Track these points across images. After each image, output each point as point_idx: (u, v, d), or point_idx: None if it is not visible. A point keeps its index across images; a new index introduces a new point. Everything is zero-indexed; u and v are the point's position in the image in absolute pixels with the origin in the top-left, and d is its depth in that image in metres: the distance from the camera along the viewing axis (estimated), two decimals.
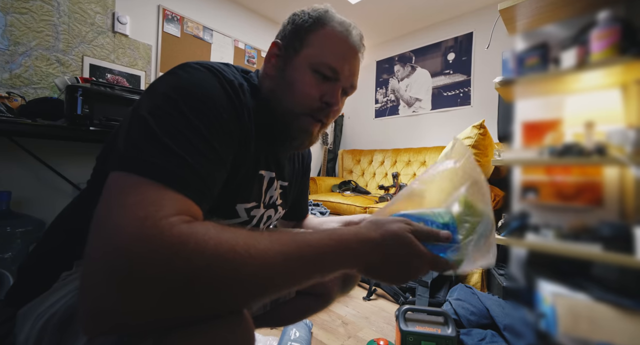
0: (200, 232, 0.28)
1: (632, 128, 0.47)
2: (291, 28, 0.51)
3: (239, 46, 2.56)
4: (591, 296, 0.46)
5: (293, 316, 0.70)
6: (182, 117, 0.34)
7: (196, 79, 0.39)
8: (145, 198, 0.28)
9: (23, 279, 0.45)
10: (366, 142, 3.25)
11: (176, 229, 0.27)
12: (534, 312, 0.51)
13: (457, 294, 1.29)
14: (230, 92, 0.42)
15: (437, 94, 2.70)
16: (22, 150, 1.37)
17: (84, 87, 1.23)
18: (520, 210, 0.56)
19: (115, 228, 0.26)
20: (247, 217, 0.52)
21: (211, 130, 0.36)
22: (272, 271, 0.30)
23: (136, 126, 0.34)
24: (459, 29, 2.57)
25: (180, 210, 0.30)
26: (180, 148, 0.32)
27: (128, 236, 0.26)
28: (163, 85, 0.37)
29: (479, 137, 1.53)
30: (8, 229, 1.14)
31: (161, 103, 0.35)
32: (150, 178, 0.30)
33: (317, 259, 0.33)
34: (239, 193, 0.49)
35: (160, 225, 0.27)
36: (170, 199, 0.30)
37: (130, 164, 0.31)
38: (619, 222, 0.47)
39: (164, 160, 0.31)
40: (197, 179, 0.33)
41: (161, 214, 0.27)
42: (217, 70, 0.42)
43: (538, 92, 0.59)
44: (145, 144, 0.32)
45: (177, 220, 0.28)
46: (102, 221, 0.28)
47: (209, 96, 0.38)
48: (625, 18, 0.50)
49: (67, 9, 1.65)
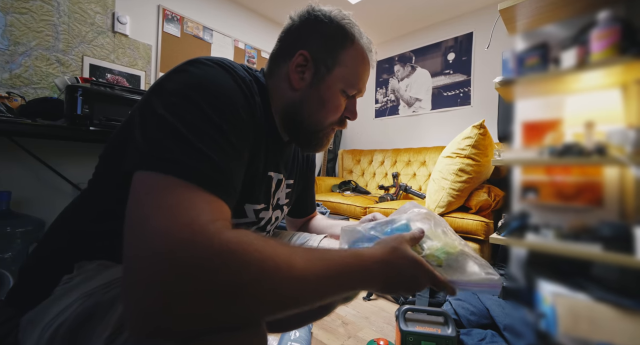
0: (247, 242, 0.28)
1: (632, 128, 0.47)
2: (318, 38, 0.50)
3: (239, 46, 2.56)
4: (591, 296, 0.46)
5: (293, 323, 0.69)
6: (201, 113, 0.34)
7: (210, 74, 0.38)
8: (182, 200, 0.28)
9: (24, 280, 0.44)
10: (366, 142, 3.25)
11: (224, 236, 0.27)
12: (534, 312, 0.51)
13: (457, 293, 1.29)
14: (244, 88, 0.41)
15: (437, 94, 2.70)
16: (22, 150, 1.37)
17: (84, 87, 1.23)
18: (520, 210, 0.56)
19: (157, 231, 0.26)
20: (255, 219, 0.52)
21: (230, 126, 0.36)
22: (307, 290, 0.31)
23: (154, 124, 0.33)
24: (459, 29, 2.57)
25: (218, 213, 0.30)
26: (204, 145, 0.32)
27: (174, 240, 0.25)
28: (175, 83, 0.37)
29: (479, 137, 1.53)
30: (8, 229, 1.14)
31: (177, 100, 0.34)
32: (182, 178, 0.29)
33: (343, 279, 0.34)
34: (248, 193, 0.48)
35: (208, 231, 0.26)
36: (206, 201, 0.30)
37: (157, 163, 0.30)
38: (619, 222, 0.47)
39: (191, 158, 0.31)
40: (224, 177, 0.33)
41: (204, 219, 0.27)
42: (230, 67, 0.41)
43: (538, 92, 0.59)
44: (168, 142, 0.31)
45: (221, 226, 0.28)
46: (140, 223, 0.27)
47: (225, 92, 0.38)
48: (626, 18, 0.50)
49: (67, 9, 1.65)
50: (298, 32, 0.51)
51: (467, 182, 1.53)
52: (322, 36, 0.50)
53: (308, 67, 0.50)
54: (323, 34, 0.50)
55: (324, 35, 0.50)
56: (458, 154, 1.57)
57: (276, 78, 0.52)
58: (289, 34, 0.52)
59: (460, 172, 1.53)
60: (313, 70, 0.50)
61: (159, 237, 0.25)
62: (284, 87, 0.51)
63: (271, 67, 0.53)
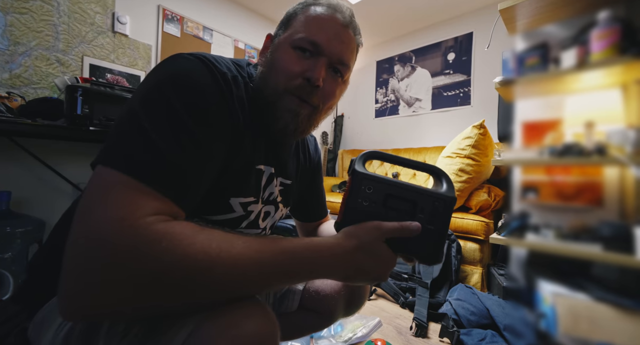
0: (176, 232, 0.29)
1: (632, 128, 0.47)
2: (282, 20, 0.51)
3: (239, 46, 2.56)
4: (591, 296, 0.46)
5: (293, 332, 0.68)
6: (168, 108, 0.34)
7: (185, 68, 0.38)
8: (124, 197, 0.29)
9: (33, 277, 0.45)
10: (366, 142, 3.25)
11: (152, 228, 0.28)
12: (534, 312, 0.51)
13: (457, 294, 1.29)
14: (221, 82, 0.40)
15: (437, 94, 2.70)
16: (22, 150, 1.37)
17: (84, 87, 1.23)
18: (520, 210, 0.56)
19: (96, 224, 0.28)
20: (243, 212, 0.51)
21: (198, 120, 0.36)
22: (243, 275, 0.31)
23: (125, 118, 0.34)
24: (459, 29, 2.57)
25: (158, 210, 0.30)
26: (163, 142, 0.32)
27: (107, 234, 0.27)
28: (154, 76, 0.37)
29: (479, 137, 1.53)
30: (8, 229, 1.14)
31: (149, 94, 0.35)
32: (131, 175, 0.30)
33: (291, 268, 0.34)
34: (232, 187, 0.48)
35: (136, 225, 0.28)
36: (149, 198, 0.30)
37: (113, 159, 0.31)
38: (619, 222, 0.47)
39: (145, 155, 0.31)
40: (178, 175, 0.33)
41: (138, 214, 0.29)
42: (209, 60, 0.41)
43: (538, 92, 0.59)
44: (129, 137, 0.32)
45: (154, 219, 0.29)
46: (84, 214, 0.29)
47: (197, 85, 0.37)
48: (625, 18, 0.50)
49: (67, 9, 1.65)
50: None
51: (467, 182, 1.53)
52: (284, 17, 0.51)
53: (270, 45, 0.51)
54: (286, 15, 0.51)
55: (286, 15, 0.51)
56: (458, 154, 1.57)
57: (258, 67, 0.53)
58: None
59: (460, 172, 1.53)
60: (271, 44, 0.50)
61: (94, 229, 0.28)
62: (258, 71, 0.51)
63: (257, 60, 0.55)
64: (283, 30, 0.49)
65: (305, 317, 0.65)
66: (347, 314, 0.67)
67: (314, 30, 0.46)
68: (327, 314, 0.64)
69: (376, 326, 1.10)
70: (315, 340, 1.04)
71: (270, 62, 0.48)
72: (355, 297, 0.65)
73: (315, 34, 0.46)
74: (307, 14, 0.48)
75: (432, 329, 1.16)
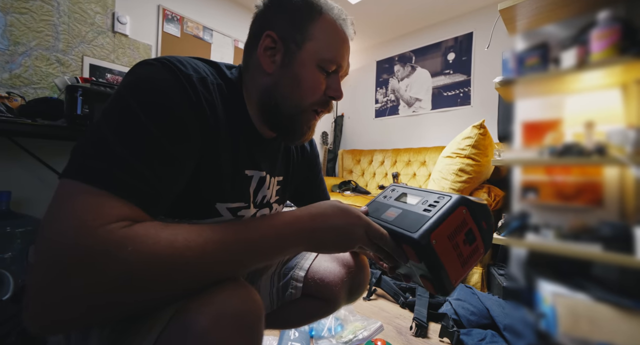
0: (140, 234, 0.29)
1: (632, 128, 0.47)
2: (284, 16, 0.48)
3: (239, 46, 2.56)
4: (591, 296, 0.46)
5: (298, 320, 0.69)
6: (131, 117, 0.34)
7: (148, 75, 0.37)
8: (83, 206, 0.29)
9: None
10: (366, 142, 3.25)
11: (113, 235, 0.28)
12: (534, 312, 0.51)
13: (457, 294, 1.29)
14: (186, 86, 0.39)
15: (437, 94, 2.70)
16: (22, 150, 1.37)
17: (84, 87, 1.23)
18: (520, 210, 0.56)
19: (55, 235, 0.28)
20: (232, 217, 0.51)
21: (162, 127, 0.35)
22: (212, 259, 0.32)
23: (91, 128, 0.34)
24: (459, 29, 2.57)
25: (121, 217, 0.30)
26: (123, 148, 0.32)
27: (65, 245, 0.27)
28: (120, 85, 0.37)
29: (479, 137, 1.53)
30: (8, 229, 1.14)
31: (113, 103, 0.35)
32: (92, 185, 0.30)
33: (257, 243, 0.36)
34: (217, 192, 0.47)
35: (95, 233, 0.28)
36: (111, 206, 0.30)
37: (75, 170, 0.31)
38: (619, 222, 0.47)
39: (107, 165, 0.31)
40: (141, 182, 0.33)
41: (98, 223, 0.28)
42: (172, 64, 0.40)
43: (538, 92, 0.59)
44: (91, 148, 0.32)
45: (116, 226, 0.29)
46: (45, 227, 0.29)
47: (160, 92, 0.37)
48: (625, 18, 0.50)
49: (67, 9, 1.65)
50: (264, 16, 0.49)
51: (467, 182, 1.53)
52: (287, 12, 0.47)
53: (278, 48, 0.47)
54: (288, 10, 0.47)
55: (289, 11, 0.47)
56: (458, 154, 1.57)
57: (250, 69, 0.50)
58: (256, 21, 0.50)
59: (460, 172, 1.53)
60: (283, 49, 0.47)
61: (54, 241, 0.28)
62: (257, 76, 0.49)
63: (245, 59, 0.52)
64: (300, 39, 0.47)
65: (309, 304, 0.67)
66: (349, 301, 0.69)
67: (337, 50, 0.49)
68: (331, 301, 0.66)
69: (377, 330, 1.11)
70: (316, 340, 1.04)
71: (292, 78, 0.47)
72: (356, 284, 0.68)
73: (338, 55, 0.49)
74: (325, 26, 0.48)
75: (432, 329, 1.16)
